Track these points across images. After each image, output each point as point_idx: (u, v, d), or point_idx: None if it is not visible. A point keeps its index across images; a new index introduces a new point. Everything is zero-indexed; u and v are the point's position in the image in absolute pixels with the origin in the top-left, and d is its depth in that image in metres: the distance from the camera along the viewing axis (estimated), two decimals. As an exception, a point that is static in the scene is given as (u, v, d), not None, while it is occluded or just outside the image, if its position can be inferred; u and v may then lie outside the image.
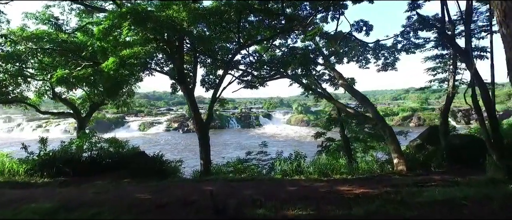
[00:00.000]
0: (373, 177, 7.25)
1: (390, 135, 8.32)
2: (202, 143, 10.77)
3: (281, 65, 10.31)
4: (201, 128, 10.78)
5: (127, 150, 10.87)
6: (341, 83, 10.16)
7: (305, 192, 6.33)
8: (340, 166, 9.47)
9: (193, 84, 11.08)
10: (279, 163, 9.72)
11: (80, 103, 12.81)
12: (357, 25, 13.83)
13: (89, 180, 8.88)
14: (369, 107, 9.13)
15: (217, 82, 11.48)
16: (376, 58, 15.02)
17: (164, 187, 7.34)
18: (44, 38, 10.74)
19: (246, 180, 7.57)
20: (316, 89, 11.52)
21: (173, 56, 10.36)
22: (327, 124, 11.62)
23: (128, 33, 7.63)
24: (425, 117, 56.35)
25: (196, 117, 10.70)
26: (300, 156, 10.10)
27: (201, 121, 10.81)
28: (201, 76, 11.96)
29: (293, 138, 40.32)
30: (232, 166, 9.88)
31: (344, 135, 11.20)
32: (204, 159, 10.60)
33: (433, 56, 9.94)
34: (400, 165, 7.84)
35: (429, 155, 8.58)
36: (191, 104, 10.63)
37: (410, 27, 13.21)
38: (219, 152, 31.04)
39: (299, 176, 8.98)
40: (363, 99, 9.42)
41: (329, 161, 9.65)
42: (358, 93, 9.57)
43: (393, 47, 14.45)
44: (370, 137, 11.48)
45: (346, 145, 11.13)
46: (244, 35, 11.83)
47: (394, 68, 14.81)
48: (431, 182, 6.45)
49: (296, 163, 9.43)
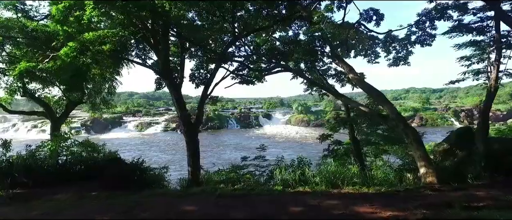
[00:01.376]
0: (397, 192, 5.67)
1: (414, 139, 6.72)
2: (190, 148, 9.15)
3: (282, 56, 8.70)
4: (190, 131, 9.17)
5: (103, 156, 9.28)
6: (352, 77, 8.56)
7: (314, 216, 4.75)
8: (351, 174, 7.88)
9: (180, 79, 9.49)
10: (279, 171, 8.12)
11: (55, 102, 11.24)
12: (366, 14, 12.24)
13: (51, 192, 7.31)
14: (387, 106, 7.55)
15: (208, 77, 9.91)
16: (387, 51, 13.41)
17: (135, 203, 5.74)
18: (10, 27, 9.18)
19: (239, 196, 5.98)
20: (322, 84, 9.92)
21: (156, 46, 8.76)
22: (334, 125, 10.02)
23: (93, 14, 6.03)
24: (427, 117, 54.90)
25: (184, 117, 9.10)
26: (303, 163, 8.50)
27: (189, 123, 9.21)
28: (190, 70, 10.38)
29: (294, 139, 38.70)
30: (224, 175, 8.28)
31: (354, 137, 9.60)
32: (192, 166, 8.98)
33: (467, 43, 8.34)
34: (429, 176, 6.24)
35: (461, 163, 6.99)
36: (178, 102, 9.04)
37: (427, 16, 11.62)
38: (217, 154, 29.49)
39: (303, 188, 7.39)
40: (380, 96, 7.83)
41: (338, 169, 8.04)
42: (373, 89, 7.98)
43: (406, 39, 12.85)
44: (384, 140, 9.89)
45: (357, 149, 9.54)
46: (240, 25, 10.24)
47: (407, 63, 13.19)
48: (479, 202, 4.85)
49: (300, 171, 7.83)
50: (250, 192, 6.89)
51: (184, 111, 9.30)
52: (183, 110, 9.27)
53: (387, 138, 9.87)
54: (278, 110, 66.20)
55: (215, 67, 9.99)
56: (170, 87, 9.10)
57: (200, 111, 9.64)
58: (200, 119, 9.68)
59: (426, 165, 6.33)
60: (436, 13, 11.67)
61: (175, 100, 9.15)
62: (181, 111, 9.20)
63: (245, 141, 38.20)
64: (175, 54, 9.83)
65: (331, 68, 11.72)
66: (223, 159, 26.82)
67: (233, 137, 42.27)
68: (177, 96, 9.12)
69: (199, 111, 9.64)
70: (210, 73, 10.05)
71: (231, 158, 27.05)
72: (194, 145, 9.18)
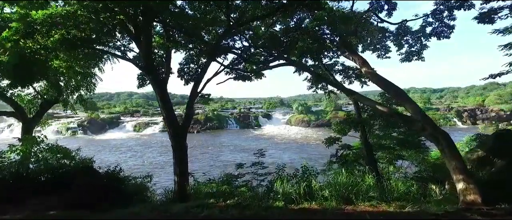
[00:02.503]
0: (435, 216, 4.31)
1: (448, 146, 5.34)
2: (177, 155, 7.77)
3: (284, 47, 7.30)
4: (177, 134, 7.79)
5: (75, 163, 7.90)
6: (366, 71, 7.19)
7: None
8: (366, 186, 6.50)
9: (165, 74, 8.13)
10: (280, 182, 6.72)
11: (28, 101, 9.85)
12: (376, 3, 10.87)
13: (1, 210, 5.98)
14: (410, 105, 6.19)
15: (199, 72, 8.55)
16: (399, 45, 12.02)
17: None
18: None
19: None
20: (329, 80, 8.54)
21: (137, 36, 7.40)
22: (344, 127, 8.63)
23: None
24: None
25: (170, 118, 7.74)
26: (309, 172, 7.10)
27: (176, 125, 7.84)
28: (179, 64, 9.00)
29: (294, 140, 37.28)
30: (215, 187, 6.89)
31: (366, 141, 8.21)
32: (179, 176, 7.60)
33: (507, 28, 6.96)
34: (470, 194, 4.87)
35: (505, 175, 5.61)
36: (162, 100, 7.68)
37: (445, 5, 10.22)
38: (215, 155, 28.14)
39: (310, 204, 6.05)
40: (400, 94, 6.46)
41: (350, 180, 6.65)
42: (392, 85, 6.61)
43: (420, 31, 11.47)
44: (399, 143, 8.51)
45: (370, 155, 8.15)
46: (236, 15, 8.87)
47: (421, 58, 11.81)
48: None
49: (305, 183, 6.44)
50: (244, 210, 5.53)
51: (170, 112, 7.92)
52: (169, 110, 7.89)
53: (402, 142, 8.48)
54: (278, 110, 64.77)
55: (207, 61, 8.61)
56: (154, 83, 7.72)
57: (189, 111, 8.24)
58: (189, 121, 8.28)
59: (465, 179, 4.96)
60: (456, 2, 10.33)
61: (160, 98, 7.76)
62: (167, 111, 7.82)
63: (244, 142, 36.80)
64: (161, 45, 8.44)
65: (338, 63, 10.34)
66: (220, 161, 25.43)
67: (232, 137, 40.86)
68: (161, 94, 7.74)
69: (188, 110, 8.24)
70: (201, 67, 8.68)
71: (229, 160, 25.67)
72: (181, 151, 7.80)
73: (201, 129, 48.05)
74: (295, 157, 25.97)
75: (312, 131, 45.85)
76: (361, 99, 7.12)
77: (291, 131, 46.75)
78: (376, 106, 6.60)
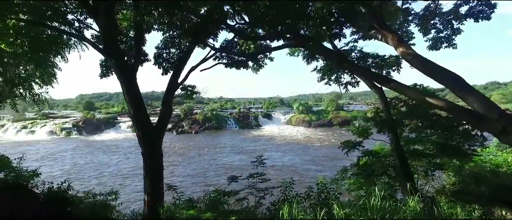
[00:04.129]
0: None
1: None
2: (149, 167, 5.69)
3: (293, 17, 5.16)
4: (149, 138, 5.73)
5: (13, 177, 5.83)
6: (403, 52, 5.13)
7: None
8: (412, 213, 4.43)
9: (135, 59, 6.08)
10: (288, 207, 4.64)
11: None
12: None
13: None
14: (475, 98, 4.16)
15: (181, 57, 6.50)
16: (424, 30, 9.92)
17: None
18: None
19: None
20: (357, 65, 6.47)
21: (95, 9, 5.37)
22: (367, 128, 6.52)
23: None
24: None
25: (139, 117, 5.70)
26: (327, 191, 5.01)
27: (148, 126, 5.79)
28: (155, 49, 6.92)
29: (296, 141, 35.16)
30: (195, 214, 4.79)
31: (398, 147, 6.13)
32: (150, 194, 5.52)
33: None
34: None
35: None
36: (129, 92, 5.61)
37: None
38: (212, 157, 26.07)
39: (332, 241, 4.01)
40: (459, 82, 4.40)
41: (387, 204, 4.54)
42: (446, 71, 4.55)
43: (452, 12, 9.38)
44: (441, 149, 6.43)
45: (405, 166, 6.06)
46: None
47: (452, 45, 9.68)
48: None
49: (324, 210, 4.35)
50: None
51: (140, 109, 5.85)
52: (138, 106, 5.82)
53: (444, 148, 6.38)
54: (278, 110, 62.61)
55: (190, 43, 6.56)
56: (117, 70, 5.65)
57: (165, 108, 6.18)
58: (165, 121, 6.22)
59: None
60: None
61: (126, 90, 5.69)
62: (135, 108, 5.75)
63: (243, 143, 34.69)
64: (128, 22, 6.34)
65: (355, 48, 8.24)
66: (217, 164, 23.31)
67: (230, 138, 38.75)
68: (128, 84, 5.67)
69: (164, 107, 6.17)
70: (183, 52, 6.62)
71: (226, 163, 23.56)
72: (154, 162, 5.72)
73: (199, 130, 45.96)
74: (297, 160, 23.85)
75: (314, 132, 43.74)
76: (405, 90, 5.00)
77: (292, 131, 44.64)
78: (427, 98, 4.54)
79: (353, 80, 7.92)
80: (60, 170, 22.26)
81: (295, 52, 10.31)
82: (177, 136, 42.88)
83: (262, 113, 56.08)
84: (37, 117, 51.49)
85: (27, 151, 32.05)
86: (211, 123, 48.19)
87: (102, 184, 18.02)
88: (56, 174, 21.31)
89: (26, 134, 43.72)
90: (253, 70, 10.68)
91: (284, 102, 74.07)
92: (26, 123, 46.72)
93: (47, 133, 43.79)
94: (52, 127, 45.03)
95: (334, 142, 33.05)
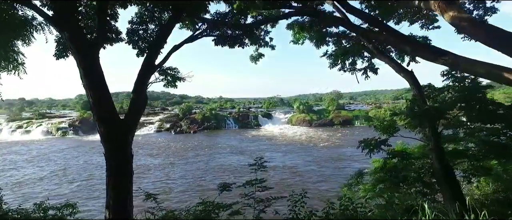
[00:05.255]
0: None
1: None
2: (113, 172, 4.22)
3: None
4: (113, 135, 4.28)
5: None
6: (453, 17, 3.69)
7: None
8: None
9: (97, 33, 4.62)
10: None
11: None
12: None
13: None
14: None
15: (159, 33, 5.05)
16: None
17: None
18: None
19: None
20: (388, 39, 5.02)
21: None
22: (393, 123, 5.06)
23: None
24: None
25: (101, 106, 4.26)
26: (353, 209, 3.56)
27: (113, 118, 4.35)
28: (128, 23, 5.46)
29: (297, 141, 33.65)
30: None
31: (438, 146, 4.67)
32: (113, 208, 4.07)
33: None
34: None
35: None
36: (87, 75, 4.15)
37: None
38: (209, 157, 24.59)
39: None
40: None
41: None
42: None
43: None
44: (491, 149, 4.96)
45: (444, 169, 4.60)
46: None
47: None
48: None
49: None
50: None
51: (103, 97, 4.39)
52: (101, 94, 4.36)
53: (493, 147, 4.92)
54: (278, 109, 61.03)
55: (171, 17, 5.12)
56: (72, 44, 4.21)
57: (136, 96, 4.72)
58: (136, 113, 4.76)
59: None
60: None
61: (83, 72, 4.24)
62: (95, 94, 4.29)
63: (242, 143, 33.20)
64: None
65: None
66: (214, 166, 21.79)
67: (230, 138, 37.26)
68: (85, 64, 4.23)
69: (136, 95, 4.72)
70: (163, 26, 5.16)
71: (223, 164, 22.05)
72: (121, 164, 4.27)
73: (198, 129, 44.45)
74: (299, 161, 22.36)
75: (315, 131, 42.24)
76: (468, 64, 3.54)
77: (292, 131, 43.15)
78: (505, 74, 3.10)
79: (371, 65, 6.45)
80: (50, 172, 20.79)
81: (300, 39, 8.83)
82: (175, 135, 41.41)
83: (262, 112, 54.56)
84: (33, 116, 50.00)
85: (19, 151, 30.60)
86: (210, 122, 46.70)
87: (84, 190, 16.59)
88: (43, 175, 19.88)
89: (21, 134, 42.27)
90: (251, 60, 9.18)
91: (284, 102, 72.56)
92: (22, 122, 45.24)
93: (43, 133, 42.34)
94: (48, 127, 43.56)
95: (337, 142, 31.52)
